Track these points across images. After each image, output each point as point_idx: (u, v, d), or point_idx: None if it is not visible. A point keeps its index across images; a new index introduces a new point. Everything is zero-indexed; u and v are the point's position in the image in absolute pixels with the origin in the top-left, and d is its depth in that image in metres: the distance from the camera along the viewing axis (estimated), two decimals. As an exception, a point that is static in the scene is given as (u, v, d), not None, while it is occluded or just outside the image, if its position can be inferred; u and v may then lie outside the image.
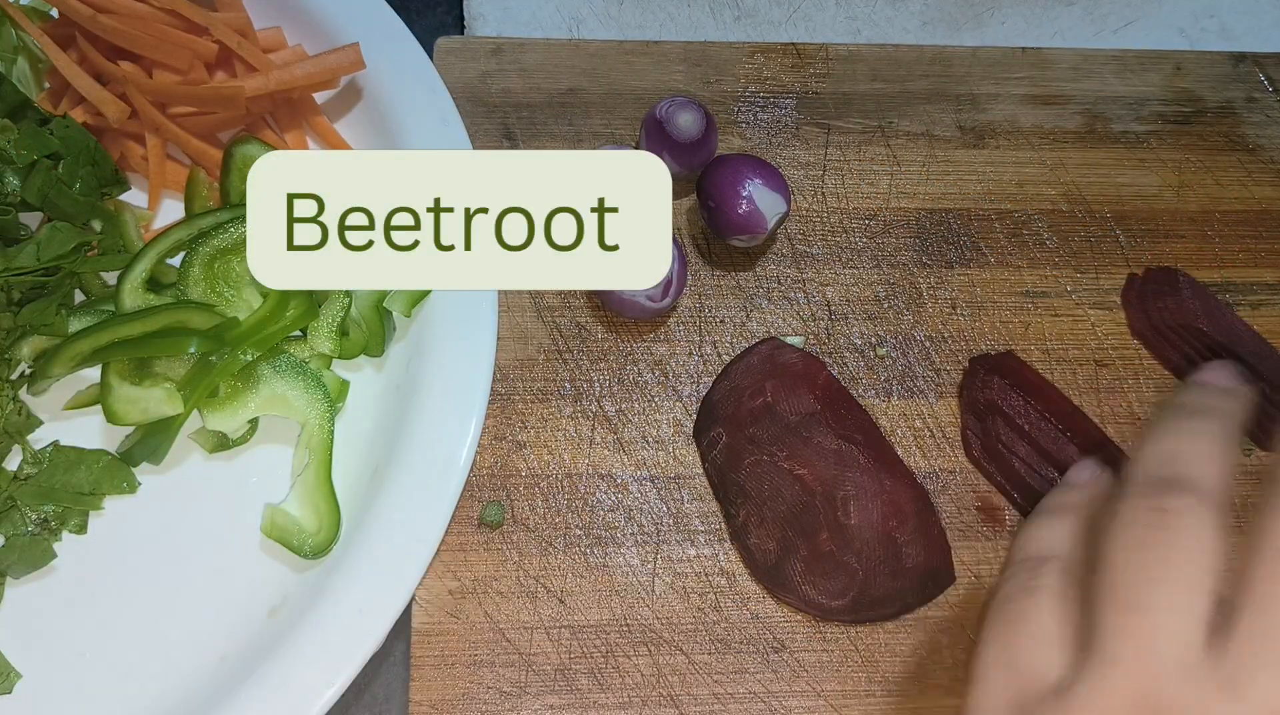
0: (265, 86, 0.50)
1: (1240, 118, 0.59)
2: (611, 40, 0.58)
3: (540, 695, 0.44)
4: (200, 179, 0.51)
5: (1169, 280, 0.52)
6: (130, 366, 0.46)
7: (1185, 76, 0.60)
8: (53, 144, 0.48)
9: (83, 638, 0.45)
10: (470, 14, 0.59)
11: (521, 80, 0.56)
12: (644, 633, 0.46)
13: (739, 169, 0.49)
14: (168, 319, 0.46)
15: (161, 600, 0.45)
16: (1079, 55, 0.59)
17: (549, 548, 0.47)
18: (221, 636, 0.44)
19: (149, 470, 0.47)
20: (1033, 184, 0.57)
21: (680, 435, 0.50)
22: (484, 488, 0.48)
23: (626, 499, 0.48)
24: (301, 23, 0.54)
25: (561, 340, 0.51)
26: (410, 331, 0.49)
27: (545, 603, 0.46)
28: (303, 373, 0.47)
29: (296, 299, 0.47)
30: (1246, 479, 0.51)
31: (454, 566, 0.46)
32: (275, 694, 0.41)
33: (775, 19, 0.61)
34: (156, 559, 0.46)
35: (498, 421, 0.49)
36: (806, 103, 0.57)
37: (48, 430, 0.47)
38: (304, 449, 0.46)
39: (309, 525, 0.45)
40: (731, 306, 0.52)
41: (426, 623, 0.45)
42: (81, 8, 0.48)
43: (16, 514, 0.45)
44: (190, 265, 0.48)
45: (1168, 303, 0.51)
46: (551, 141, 0.55)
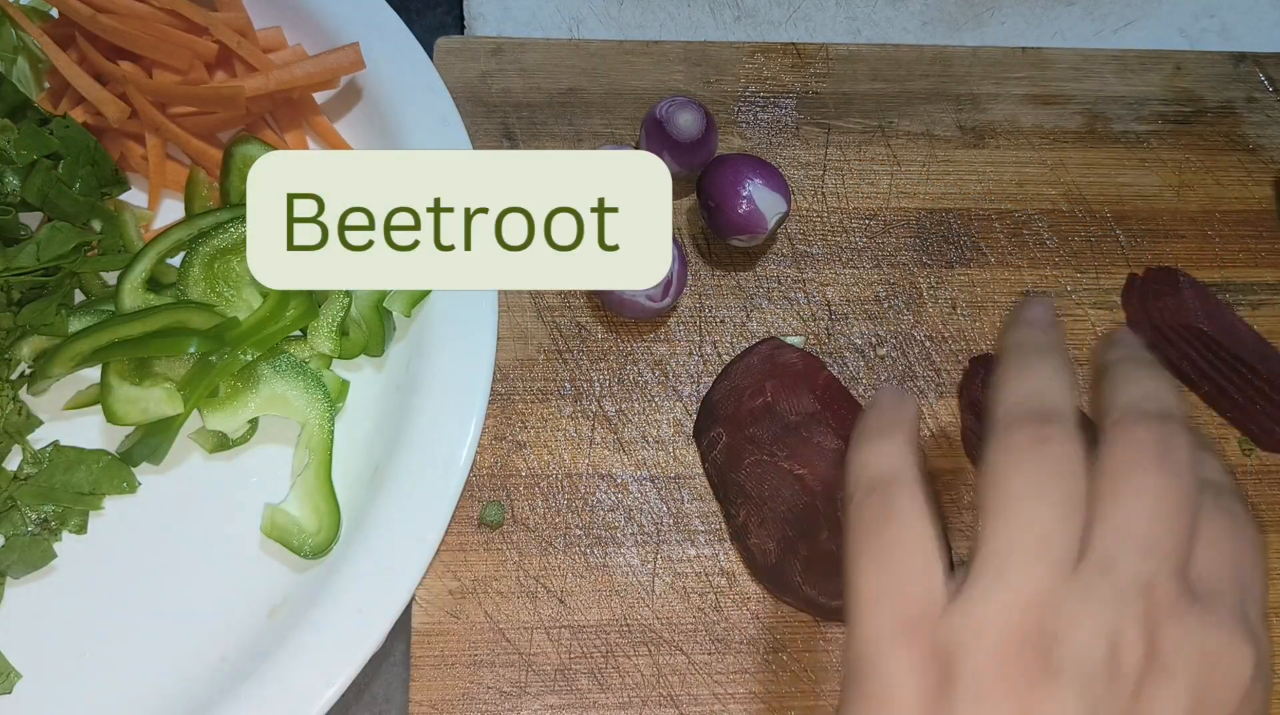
0: (265, 86, 0.50)
1: (1240, 118, 0.59)
2: (611, 40, 0.58)
3: (540, 695, 0.44)
4: (200, 179, 0.51)
5: (1169, 280, 0.52)
6: (130, 366, 0.46)
7: (1185, 76, 0.60)
8: (53, 144, 0.48)
9: (83, 638, 0.44)
10: (470, 14, 0.59)
11: (521, 80, 0.56)
12: (644, 633, 0.46)
13: (739, 169, 0.49)
14: (168, 319, 0.46)
15: (161, 600, 0.45)
16: (1079, 55, 0.59)
17: (549, 548, 0.47)
18: (221, 636, 0.44)
19: (149, 470, 0.47)
20: (1033, 184, 0.57)
21: (680, 435, 0.50)
22: (484, 488, 0.48)
23: (626, 499, 0.48)
24: (301, 22, 0.54)
25: (561, 340, 0.51)
26: (410, 331, 0.49)
27: (545, 603, 0.46)
28: (303, 373, 0.47)
29: (296, 299, 0.47)
30: (1247, 479, 0.51)
31: (454, 566, 0.46)
32: (275, 694, 0.41)
33: (775, 19, 0.61)
34: (156, 559, 0.46)
35: (498, 421, 0.49)
36: (806, 103, 0.57)
37: (48, 430, 0.47)
38: (304, 449, 0.46)
39: (309, 525, 0.45)
40: (731, 306, 0.52)
41: (426, 623, 0.45)
42: (81, 8, 0.48)
43: (16, 514, 0.45)
44: (190, 265, 0.47)
45: (1168, 303, 0.51)
46: (551, 141, 0.55)
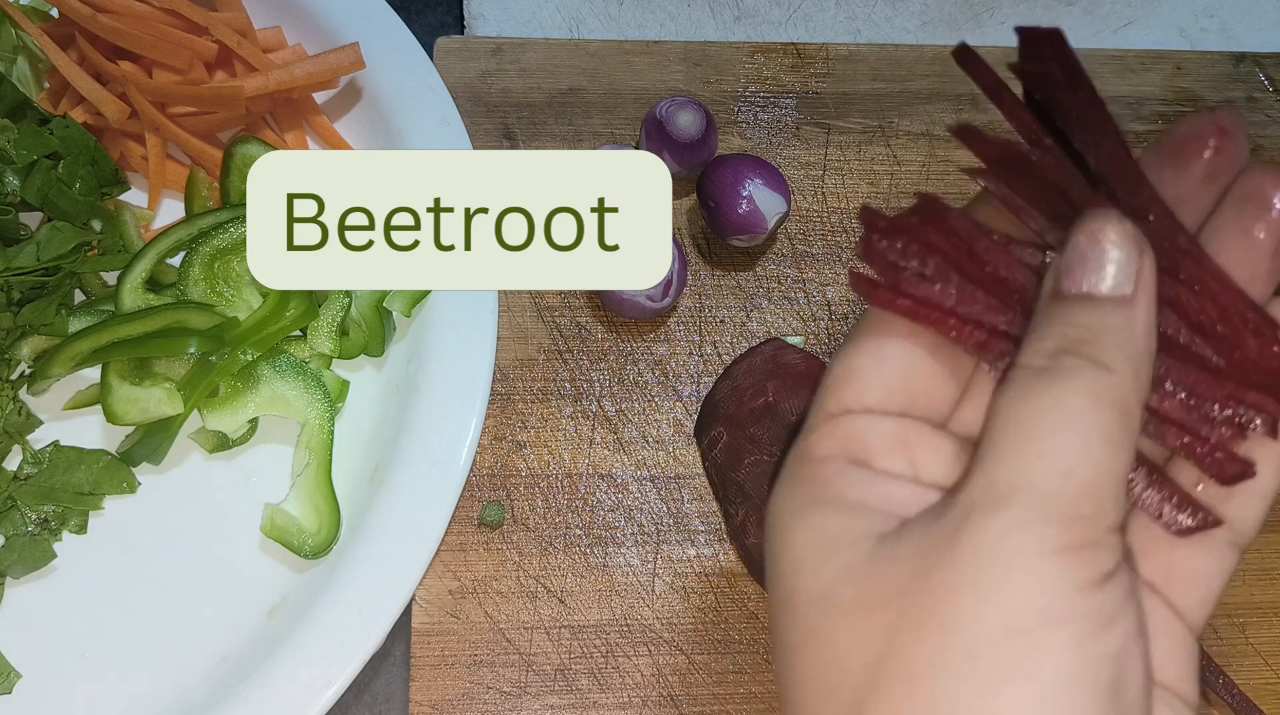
0: (265, 86, 0.50)
1: (1242, 117, 0.59)
2: (612, 40, 0.58)
3: (540, 695, 0.44)
4: (200, 179, 0.51)
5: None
6: (130, 366, 0.46)
7: (1185, 76, 0.60)
8: (52, 144, 0.48)
9: (82, 638, 0.44)
10: (470, 14, 0.59)
11: (521, 80, 0.56)
12: (644, 633, 0.46)
13: (739, 169, 0.49)
14: (168, 319, 0.46)
15: (161, 600, 0.45)
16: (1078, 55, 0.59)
17: (549, 548, 0.47)
18: (221, 636, 0.44)
19: (149, 470, 0.47)
20: (1033, 184, 0.56)
21: (680, 435, 0.50)
22: (484, 488, 0.48)
23: (627, 499, 0.48)
24: (301, 22, 0.54)
25: (561, 340, 0.51)
26: (410, 331, 0.49)
27: (545, 603, 0.46)
28: (303, 373, 0.47)
29: (296, 299, 0.47)
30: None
31: (454, 566, 0.46)
32: (275, 694, 0.41)
33: (775, 19, 0.61)
34: (156, 559, 0.46)
35: (498, 421, 0.49)
36: (807, 102, 0.57)
37: (48, 430, 0.47)
38: (304, 449, 0.46)
39: (309, 525, 0.45)
40: (732, 306, 0.52)
41: (426, 623, 0.45)
42: (81, 7, 0.48)
43: (16, 514, 0.45)
44: (190, 265, 0.47)
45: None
46: (551, 141, 0.55)
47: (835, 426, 0.29)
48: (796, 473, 0.29)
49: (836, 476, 0.28)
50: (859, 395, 0.29)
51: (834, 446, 0.28)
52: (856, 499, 0.27)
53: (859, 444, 0.28)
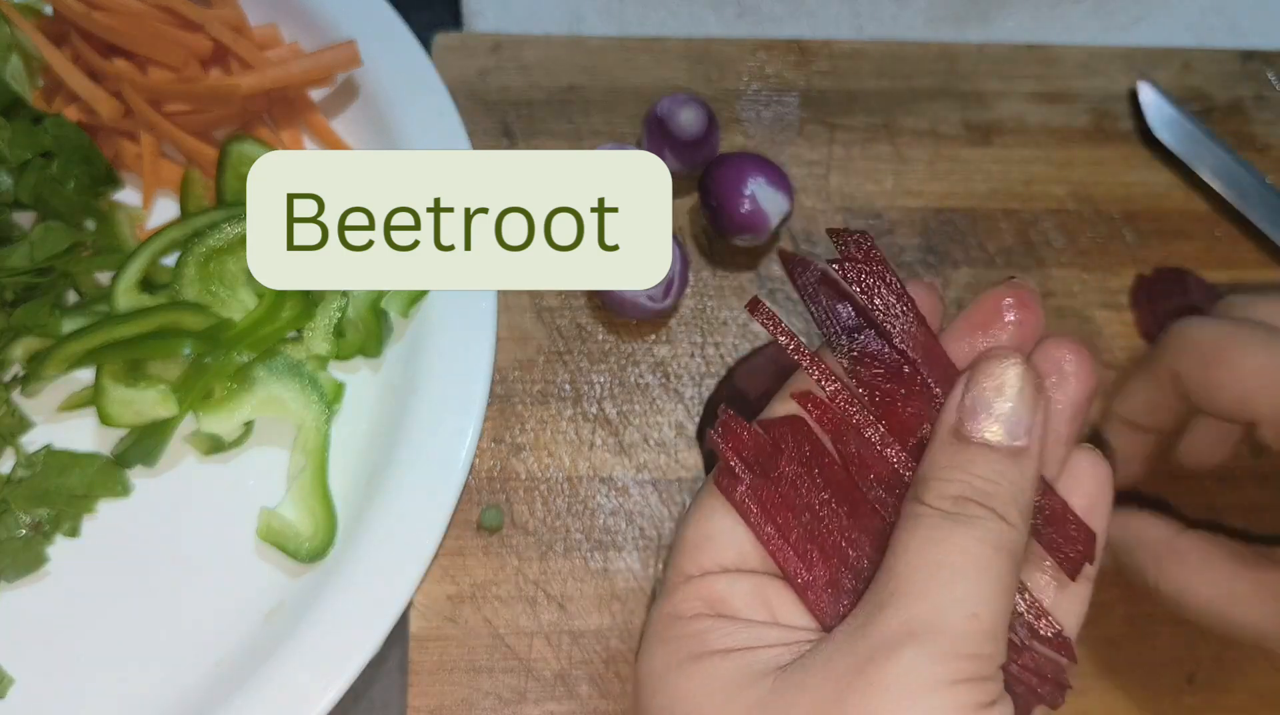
0: (261, 84, 0.49)
1: (1249, 115, 0.58)
2: (612, 37, 0.57)
3: (540, 702, 0.44)
4: (195, 178, 0.50)
5: (1178, 280, 0.52)
6: (124, 368, 0.45)
7: (1193, 74, 0.59)
8: (46, 142, 0.47)
9: (76, 642, 0.44)
10: (468, 10, 0.59)
11: (521, 77, 0.56)
12: (645, 638, 0.45)
13: (741, 167, 0.49)
14: (162, 320, 0.45)
15: (156, 604, 0.45)
16: (1086, 52, 0.59)
17: (549, 552, 0.47)
18: (217, 641, 0.44)
19: (143, 473, 0.46)
20: (1040, 182, 0.56)
21: (682, 438, 0.49)
22: (482, 491, 0.47)
23: (627, 502, 0.48)
24: (297, 19, 0.53)
25: (561, 341, 0.51)
26: (408, 333, 0.49)
27: (545, 608, 0.46)
28: (299, 374, 0.46)
29: (292, 300, 0.47)
30: (1251, 481, 0.50)
31: (452, 571, 0.46)
32: (271, 699, 0.41)
33: (778, 15, 0.60)
34: (151, 563, 0.45)
35: (496, 424, 0.49)
36: (810, 100, 0.57)
37: (41, 433, 0.47)
38: (300, 452, 0.46)
39: (305, 529, 0.44)
40: (734, 307, 0.52)
41: (424, 628, 0.45)
42: (75, 5, 0.48)
43: (9, 517, 0.45)
44: (185, 265, 0.47)
45: (1176, 303, 0.51)
46: (551, 139, 0.55)
47: (698, 587, 0.33)
48: (666, 633, 0.32)
49: (709, 632, 0.31)
50: (716, 558, 0.33)
51: (700, 605, 0.32)
52: (738, 646, 0.31)
53: (723, 602, 0.32)
